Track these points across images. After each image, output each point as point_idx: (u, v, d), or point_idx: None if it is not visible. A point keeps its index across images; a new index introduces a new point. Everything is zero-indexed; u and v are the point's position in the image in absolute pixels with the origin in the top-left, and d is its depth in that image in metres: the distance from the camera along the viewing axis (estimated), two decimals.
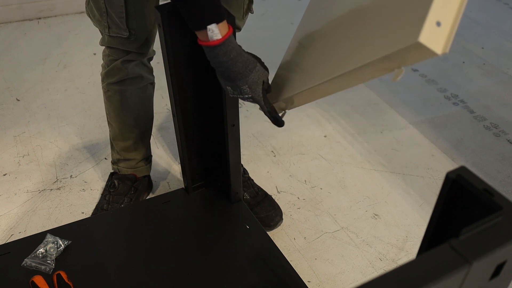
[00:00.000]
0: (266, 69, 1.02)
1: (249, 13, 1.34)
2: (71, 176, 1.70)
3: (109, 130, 1.52)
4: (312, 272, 1.40)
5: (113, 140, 1.52)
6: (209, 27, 0.91)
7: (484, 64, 2.37)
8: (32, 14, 2.65)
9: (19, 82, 2.17)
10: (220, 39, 0.92)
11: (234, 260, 1.20)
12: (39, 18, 2.67)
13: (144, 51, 1.33)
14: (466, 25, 2.70)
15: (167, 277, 1.16)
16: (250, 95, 1.00)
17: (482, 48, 2.50)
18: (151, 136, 1.85)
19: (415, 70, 2.33)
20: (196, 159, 1.33)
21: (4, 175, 1.70)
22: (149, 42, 1.32)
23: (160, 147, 1.83)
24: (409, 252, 1.47)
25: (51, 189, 1.65)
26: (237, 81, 0.98)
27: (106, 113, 1.49)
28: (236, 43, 0.97)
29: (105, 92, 1.43)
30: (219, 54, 0.95)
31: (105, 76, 1.40)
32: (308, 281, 1.37)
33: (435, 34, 0.67)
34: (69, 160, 1.77)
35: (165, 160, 1.77)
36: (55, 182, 1.68)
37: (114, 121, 1.47)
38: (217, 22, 0.91)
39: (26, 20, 2.65)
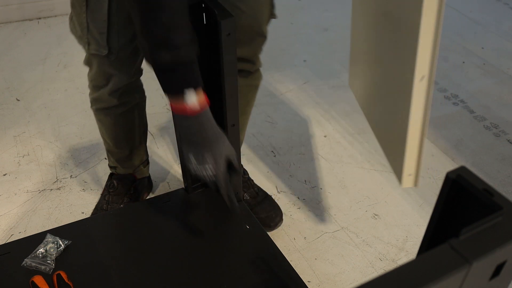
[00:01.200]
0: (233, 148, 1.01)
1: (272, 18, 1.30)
2: (71, 176, 1.70)
3: (104, 143, 1.49)
4: (312, 272, 1.40)
5: (108, 151, 1.50)
6: (186, 91, 0.90)
7: (484, 64, 2.37)
8: (32, 14, 2.65)
9: (19, 82, 2.17)
10: (198, 110, 0.92)
11: (234, 260, 1.20)
12: (39, 18, 2.67)
13: (127, 70, 1.26)
14: (466, 25, 2.70)
15: (167, 277, 1.16)
16: (212, 170, 0.98)
17: (482, 48, 2.50)
18: (151, 136, 1.85)
19: None
20: None
21: (4, 175, 1.71)
22: (133, 61, 1.26)
23: (160, 147, 1.83)
24: (409, 252, 1.47)
25: (51, 189, 1.65)
26: (202, 149, 0.96)
27: (99, 129, 1.45)
28: (211, 114, 0.96)
29: (95, 115, 1.39)
30: (193, 125, 0.94)
31: (93, 101, 1.36)
32: (308, 281, 1.37)
33: (409, 181, 1.21)
34: (69, 160, 1.77)
35: (165, 160, 1.77)
36: (55, 182, 1.68)
37: (107, 137, 1.44)
38: (195, 87, 0.91)
39: (26, 20, 2.65)
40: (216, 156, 0.98)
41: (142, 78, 1.35)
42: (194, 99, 0.92)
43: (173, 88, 0.93)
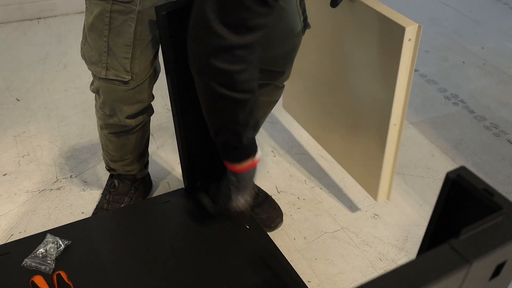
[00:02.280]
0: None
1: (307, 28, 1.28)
2: (71, 176, 1.70)
3: (105, 154, 1.47)
4: (312, 272, 1.40)
5: (110, 161, 1.48)
6: (245, 160, 1.05)
7: (484, 64, 2.37)
8: (32, 14, 2.65)
9: (19, 82, 2.17)
10: (251, 166, 1.08)
11: (234, 260, 1.20)
12: (39, 18, 2.67)
13: (145, 95, 1.24)
14: (466, 25, 2.70)
15: (167, 277, 1.16)
16: (244, 205, 1.15)
17: (482, 48, 2.50)
18: (151, 136, 1.85)
19: (415, 70, 2.33)
20: (196, 159, 1.33)
21: (4, 175, 1.71)
22: (151, 86, 1.25)
23: (160, 147, 1.83)
24: (409, 252, 1.47)
25: (51, 189, 1.65)
26: (247, 190, 1.14)
27: (102, 144, 1.43)
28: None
29: (105, 135, 1.37)
30: (245, 177, 1.10)
31: (106, 126, 1.33)
32: (308, 281, 1.37)
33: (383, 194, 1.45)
34: (69, 160, 1.77)
35: (165, 160, 1.77)
36: (55, 182, 1.68)
37: (113, 152, 1.43)
38: (253, 155, 1.06)
39: (26, 20, 2.65)
40: (245, 195, 1.15)
41: None
42: (249, 163, 1.06)
43: (235, 160, 1.06)
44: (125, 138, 1.37)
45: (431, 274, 0.50)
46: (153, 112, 1.37)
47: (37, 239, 1.22)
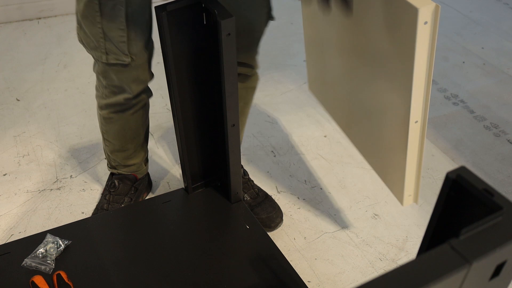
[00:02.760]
0: None
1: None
2: (71, 176, 1.70)
3: (105, 145, 1.47)
4: (312, 272, 1.40)
5: (110, 153, 1.48)
6: None
7: (484, 64, 2.37)
8: (32, 14, 2.65)
9: (19, 82, 2.17)
10: None
11: (234, 260, 1.20)
12: (39, 18, 2.67)
13: (146, 74, 1.26)
14: (466, 25, 2.70)
15: (167, 277, 1.16)
16: None
17: (482, 48, 2.50)
18: (151, 136, 1.85)
19: None
20: (196, 159, 1.33)
21: (4, 175, 1.71)
22: (150, 64, 1.26)
23: (160, 147, 1.83)
24: (409, 252, 1.47)
25: (51, 189, 1.65)
26: None
27: (103, 132, 1.44)
28: None
29: (105, 118, 1.38)
30: None
31: (107, 106, 1.34)
32: (308, 281, 1.37)
33: (409, 200, 1.29)
34: (69, 160, 1.77)
35: (165, 160, 1.78)
36: (55, 182, 1.68)
37: (113, 139, 1.43)
38: None
39: (26, 20, 2.65)
40: None
41: None
42: None
43: None
44: (124, 119, 1.36)
45: (431, 274, 0.50)
46: (152, 94, 1.38)
47: (37, 239, 1.23)
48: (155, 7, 1.04)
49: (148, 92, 1.35)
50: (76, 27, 1.21)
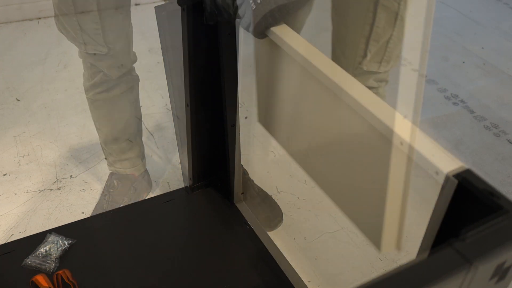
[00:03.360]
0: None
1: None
2: (71, 176, 1.70)
3: (99, 136, 1.49)
4: (312, 272, 1.40)
5: (105, 145, 1.49)
6: None
7: (484, 64, 2.37)
8: (32, 14, 2.65)
9: (19, 82, 2.17)
10: None
11: (234, 259, 1.20)
12: (39, 18, 2.67)
13: (125, 60, 1.29)
14: (466, 25, 2.70)
15: (168, 276, 1.16)
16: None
17: (482, 48, 2.50)
18: (151, 136, 1.85)
19: (416, 70, 2.33)
20: (197, 159, 1.33)
21: (4, 175, 1.71)
22: (128, 51, 1.28)
23: (160, 147, 1.83)
24: (409, 252, 1.47)
25: (51, 189, 1.65)
26: None
27: (94, 120, 1.45)
28: None
29: (92, 102, 1.40)
30: None
31: (91, 87, 1.37)
32: (308, 281, 1.37)
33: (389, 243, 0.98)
34: (69, 160, 1.77)
35: (165, 160, 1.77)
36: (55, 182, 1.68)
37: (104, 127, 1.44)
38: None
39: (26, 20, 2.65)
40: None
41: (142, 77, 1.35)
42: None
43: None
44: (110, 101, 1.37)
45: (432, 274, 0.50)
46: (138, 78, 1.40)
47: (38, 238, 1.23)
48: (155, 7, 1.04)
49: (132, 75, 1.37)
50: (54, 18, 1.25)
